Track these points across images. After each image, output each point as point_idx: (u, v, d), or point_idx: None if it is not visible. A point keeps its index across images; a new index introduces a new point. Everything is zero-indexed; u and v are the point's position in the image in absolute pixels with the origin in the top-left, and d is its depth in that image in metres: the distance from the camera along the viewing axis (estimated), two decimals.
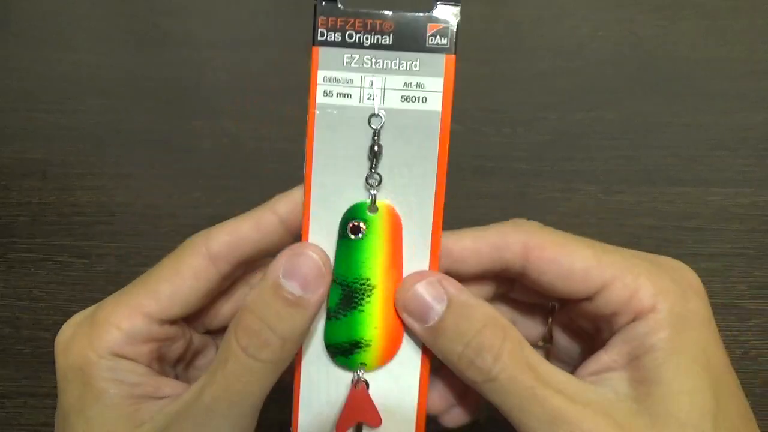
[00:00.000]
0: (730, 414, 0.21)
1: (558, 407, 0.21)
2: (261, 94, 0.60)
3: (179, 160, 0.51)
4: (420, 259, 0.24)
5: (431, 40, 0.23)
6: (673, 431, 0.20)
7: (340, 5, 0.23)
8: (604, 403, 0.21)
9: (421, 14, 0.23)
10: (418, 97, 0.24)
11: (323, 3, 0.24)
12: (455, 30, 0.23)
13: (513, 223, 0.24)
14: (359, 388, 0.24)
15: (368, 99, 0.24)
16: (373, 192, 0.24)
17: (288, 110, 0.57)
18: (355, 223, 0.24)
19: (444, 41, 0.23)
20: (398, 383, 0.25)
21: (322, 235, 0.24)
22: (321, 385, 0.25)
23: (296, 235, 0.25)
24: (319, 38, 0.24)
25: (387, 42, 0.23)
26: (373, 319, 0.24)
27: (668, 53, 0.66)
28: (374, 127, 0.24)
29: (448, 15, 0.23)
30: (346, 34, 0.23)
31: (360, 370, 0.24)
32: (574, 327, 0.26)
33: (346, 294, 0.24)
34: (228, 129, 0.55)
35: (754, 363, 0.35)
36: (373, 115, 0.24)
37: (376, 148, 0.24)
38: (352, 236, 0.24)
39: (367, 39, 0.23)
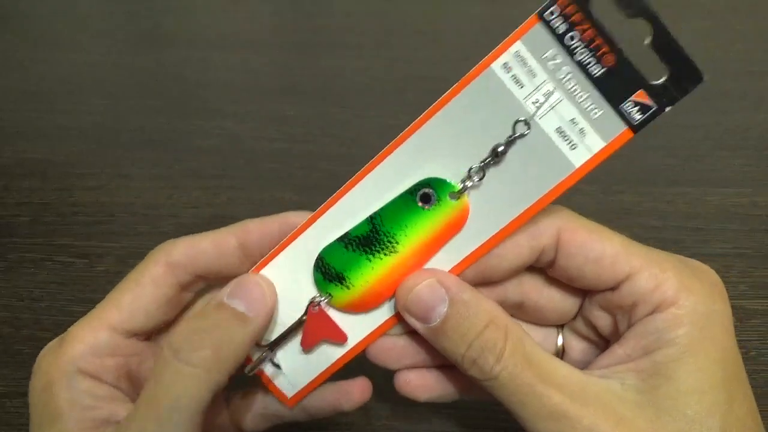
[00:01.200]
0: (741, 416, 0.21)
1: (557, 403, 0.21)
2: (261, 94, 0.60)
3: (179, 160, 0.51)
4: (445, 262, 0.24)
5: (628, 105, 0.21)
6: (679, 426, 0.20)
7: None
8: (607, 396, 0.21)
9: (643, 76, 0.21)
10: (572, 141, 0.22)
11: None
12: (656, 115, 0.21)
13: (544, 209, 0.24)
14: (317, 310, 0.25)
15: (533, 103, 0.21)
16: (468, 183, 0.22)
17: (288, 110, 0.57)
18: (430, 193, 0.23)
19: (638, 115, 0.21)
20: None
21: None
22: (289, 279, 0.25)
23: (253, 260, 0.25)
24: (545, 14, 0.21)
25: (594, 72, 0.21)
26: (371, 274, 0.24)
27: None
28: (516, 132, 0.22)
29: (667, 99, 0.21)
30: (569, 34, 0.21)
31: (324, 298, 0.24)
32: (588, 336, 0.26)
33: (370, 235, 0.24)
34: (228, 129, 0.55)
35: (754, 363, 0.35)
36: (523, 121, 0.22)
37: (500, 149, 0.22)
38: (419, 201, 0.23)
39: (581, 54, 0.21)
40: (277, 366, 0.26)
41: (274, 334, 0.25)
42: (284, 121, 0.56)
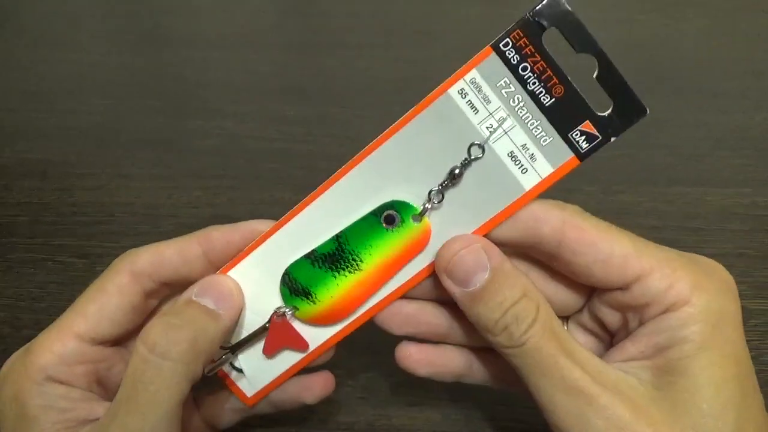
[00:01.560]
0: (753, 411, 0.21)
1: (577, 379, 0.21)
2: (261, 94, 0.60)
3: (179, 160, 0.51)
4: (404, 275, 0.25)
5: (575, 134, 0.22)
6: (694, 419, 0.20)
7: (545, 32, 0.22)
8: (625, 385, 0.21)
9: (590, 107, 0.22)
10: (522, 165, 0.23)
11: (534, 20, 0.22)
12: (601, 145, 0.22)
13: (555, 202, 0.24)
14: (280, 320, 0.25)
15: (487, 128, 0.23)
16: (428, 205, 0.24)
17: (288, 110, 0.57)
18: (394, 215, 0.24)
19: (584, 144, 0.22)
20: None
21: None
22: (252, 284, 0.25)
23: (217, 267, 0.26)
24: (500, 45, 0.22)
25: (545, 102, 0.22)
26: (335, 290, 0.25)
27: (669, 53, 0.66)
28: (471, 155, 0.23)
29: (612, 130, 0.22)
30: (522, 65, 0.22)
31: (289, 310, 0.25)
32: (593, 330, 0.26)
33: (335, 252, 0.24)
34: (228, 129, 0.55)
35: (754, 363, 0.35)
36: (478, 145, 0.23)
37: (456, 171, 0.23)
38: (383, 222, 0.24)
39: (533, 84, 0.22)
40: (239, 370, 0.26)
41: (236, 337, 0.26)
42: (284, 121, 0.56)
